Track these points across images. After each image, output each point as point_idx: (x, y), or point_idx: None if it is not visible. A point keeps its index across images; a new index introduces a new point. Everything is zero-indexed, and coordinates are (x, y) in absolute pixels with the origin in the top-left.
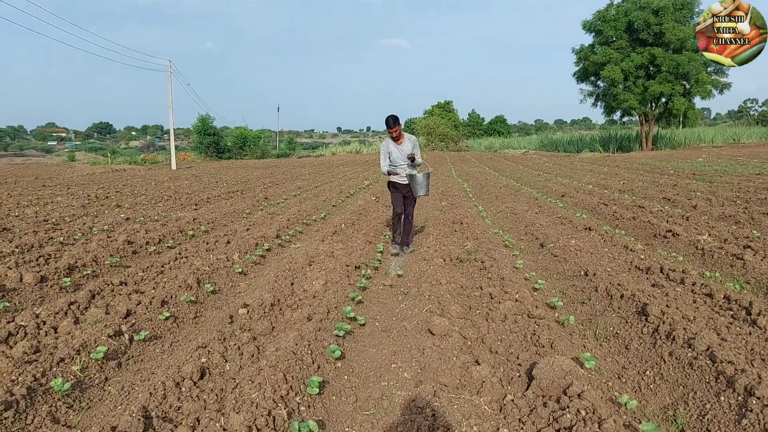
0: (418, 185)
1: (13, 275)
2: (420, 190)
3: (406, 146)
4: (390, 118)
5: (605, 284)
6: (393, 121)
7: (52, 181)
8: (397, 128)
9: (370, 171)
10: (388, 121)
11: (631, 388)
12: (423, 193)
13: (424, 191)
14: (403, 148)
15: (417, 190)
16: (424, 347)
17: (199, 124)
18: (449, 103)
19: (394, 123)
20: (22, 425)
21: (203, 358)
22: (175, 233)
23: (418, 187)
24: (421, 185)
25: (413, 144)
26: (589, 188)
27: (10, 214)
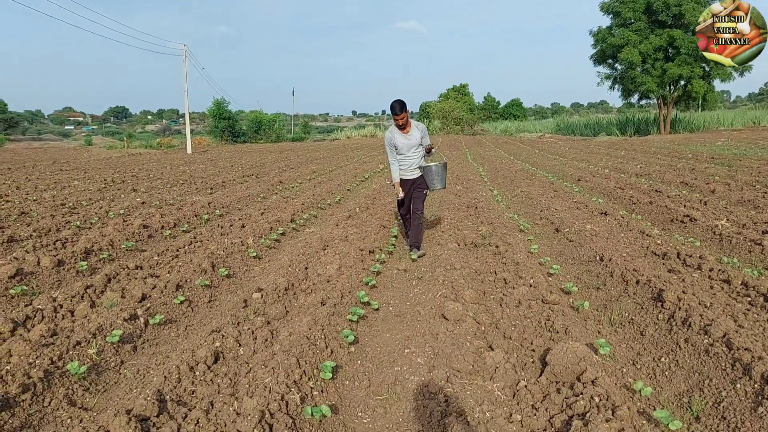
0: (434, 177)
1: (30, 259)
2: (437, 182)
3: (414, 135)
4: (396, 104)
5: (621, 269)
6: (400, 107)
7: (69, 165)
8: (404, 115)
9: (383, 155)
10: (393, 107)
11: (646, 375)
12: (440, 187)
13: (441, 184)
14: (410, 137)
15: (433, 183)
16: (438, 332)
17: (214, 108)
18: (465, 86)
19: (401, 109)
20: (39, 407)
21: (217, 342)
22: (190, 217)
23: (435, 180)
24: (437, 177)
25: (422, 132)
26: (606, 172)
27: (28, 198)
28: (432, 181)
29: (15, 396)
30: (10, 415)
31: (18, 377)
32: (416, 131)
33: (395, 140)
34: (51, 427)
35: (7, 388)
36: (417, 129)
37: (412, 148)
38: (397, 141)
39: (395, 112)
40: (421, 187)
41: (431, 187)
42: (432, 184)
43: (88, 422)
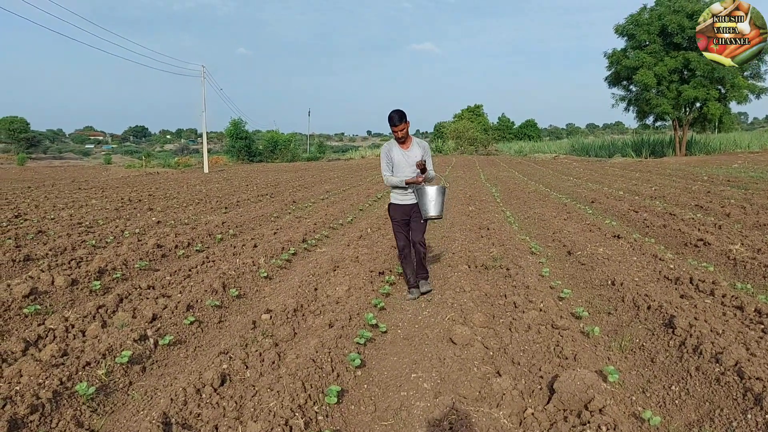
0: (428, 201)
1: (45, 278)
2: (431, 208)
3: (414, 152)
4: (395, 114)
5: (632, 294)
6: (399, 118)
7: (87, 184)
8: (403, 126)
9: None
10: (392, 118)
11: (656, 404)
12: (434, 214)
13: (436, 211)
14: (409, 154)
15: (427, 208)
16: (445, 357)
17: (232, 127)
18: (479, 107)
19: (400, 119)
20: (47, 429)
21: (224, 365)
22: (204, 237)
23: (429, 205)
24: (431, 201)
25: (424, 150)
26: (620, 194)
27: (46, 216)
28: (425, 206)
29: (23, 417)
30: None
31: (27, 398)
32: (417, 148)
33: (392, 155)
34: None
35: (15, 409)
36: (419, 146)
37: (410, 165)
38: (395, 155)
39: (393, 122)
40: (418, 216)
41: (424, 215)
42: (425, 209)
43: None
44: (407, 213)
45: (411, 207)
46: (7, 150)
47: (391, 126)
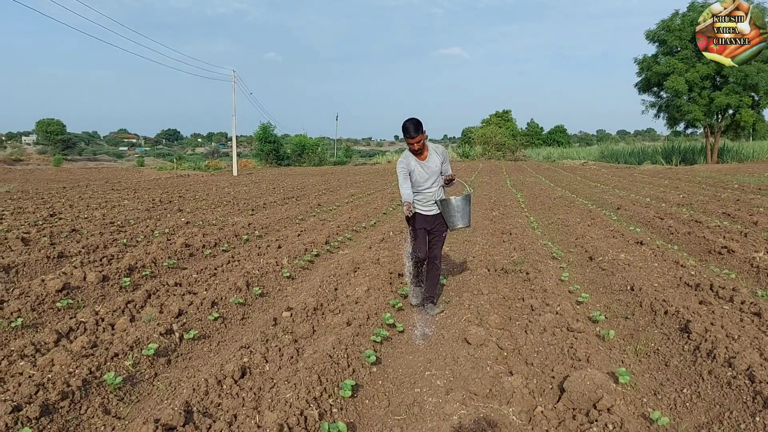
0: (455, 212)
1: (78, 274)
2: (458, 219)
3: (433, 160)
4: (409, 124)
5: (650, 300)
6: (414, 128)
7: (120, 185)
8: (419, 138)
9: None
10: (406, 128)
11: (666, 406)
12: (462, 225)
13: (464, 221)
14: (428, 164)
15: (454, 220)
16: (458, 356)
17: (261, 131)
18: (507, 112)
19: (416, 130)
20: (76, 414)
21: (245, 358)
22: (231, 237)
23: (456, 216)
24: (459, 212)
25: (442, 156)
26: (647, 201)
27: (80, 216)
28: (452, 218)
29: (54, 403)
30: (49, 420)
31: (58, 385)
32: (435, 156)
33: (411, 167)
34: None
35: (47, 395)
36: (436, 153)
37: (430, 178)
38: (414, 168)
39: (409, 134)
40: (441, 228)
41: (451, 226)
42: (452, 221)
43: (120, 430)
44: (430, 224)
45: (433, 217)
46: (43, 151)
47: (406, 138)
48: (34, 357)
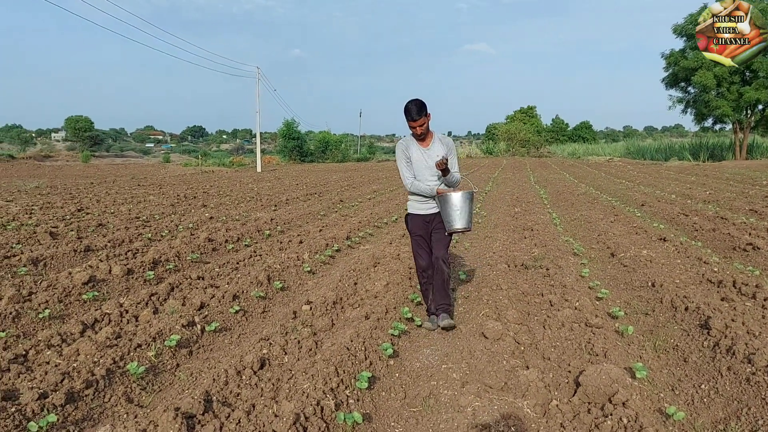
0: (452, 211)
1: (103, 267)
2: (456, 219)
3: (436, 149)
4: (413, 106)
5: (671, 296)
6: (418, 110)
7: (146, 181)
8: (423, 121)
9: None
10: (409, 110)
11: (684, 401)
12: (461, 226)
13: (463, 223)
14: (429, 153)
15: (451, 219)
16: (475, 350)
17: (285, 128)
18: (532, 108)
19: (419, 112)
20: (100, 402)
21: (264, 350)
22: (253, 232)
23: (454, 215)
24: (456, 211)
25: (448, 148)
26: (672, 198)
27: (107, 211)
28: (449, 217)
29: (79, 391)
30: (74, 408)
31: (83, 374)
32: (439, 146)
33: (410, 152)
34: (109, 420)
35: (72, 384)
36: (441, 143)
37: (431, 167)
38: (413, 154)
39: (411, 116)
40: (441, 227)
41: (448, 228)
42: (449, 221)
43: (142, 418)
44: (428, 224)
45: (433, 217)
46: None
47: (408, 120)
48: (61, 347)
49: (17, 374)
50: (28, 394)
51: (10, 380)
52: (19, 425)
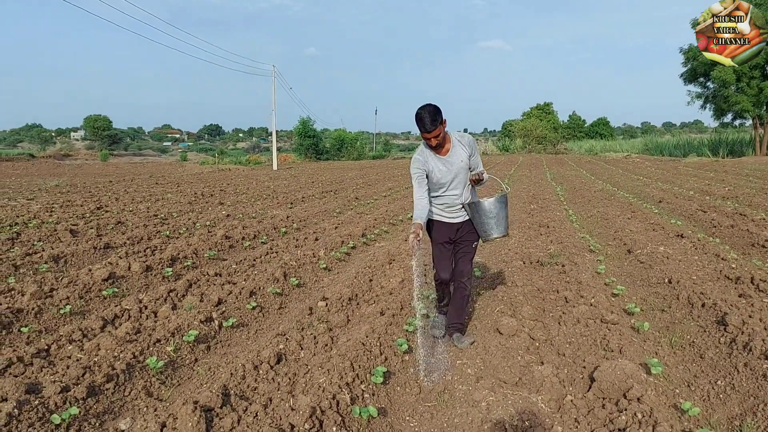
0: (488, 219)
1: (123, 264)
2: (493, 227)
3: (457, 154)
4: (426, 114)
5: (688, 292)
6: (431, 120)
7: (164, 179)
8: (438, 131)
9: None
10: (421, 119)
11: (699, 397)
12: (498, 234)
13: (501, 230)
14: (451, 160)
15: (487, 228)
16: (489, 346)
17: (300, 126)
18: (549, 104)
19: (433, 123)
20: (120, 396)
21: (281, 345)
22: (269, 230)
23: (490, 223)
24: (493, 218)
25: (469, 147)
26: (690, 194)
27: (125, 209)
28: (485, 226)
29: (100, 385)
30: (95, 401)
31: (104, 368)
32: (460, 149)
33: (429, 166)
34: (129, 413)
35: (93, 378)
36: (461, 145)
37: (456, 176)
38: (433, 168)
39: (424, 127)
40: (469, 237)
41: (484, 237)
42: (486, 230)
43: (161, 411)
44: (455, 233)
45: (457, 227)
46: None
47: (421, 131)
48: (82, 342)
49: (40, 368)
50: (51, 388)
51: (33, 374)
52: (42, 417)
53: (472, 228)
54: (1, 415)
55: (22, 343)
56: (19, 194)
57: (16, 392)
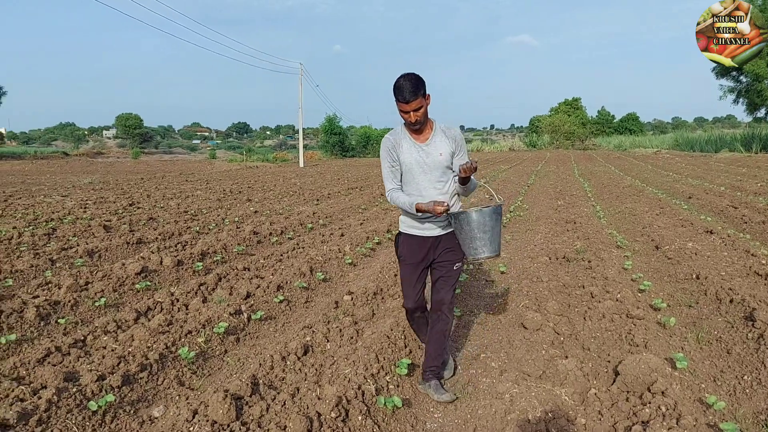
0: (478, 234)
1: (155, 258)
2: (485, 244)
3: (437, 146)
4: (405, 81)
5: (716, 288)
6: (412, 88)
7: (193, 176)
8: (419, 103)
9: (489, 169)
10: (400, 87)
11: (725, 392)
12: (489, 254)
13: (493, 248)
14: (428, 150)
15: (477, 245)
16: (514, 340)
17: (327, 123)
18: (577, 100)
19: (414, 92)
20: (153, 384)
21: (308, 337)
22: (296, 226)
23: (482, 239)
24: (486, 233)
25: (454, 144)
26: (721, 190)
27: (157, 205)
28: (474, 242)
29: (134, 374)
30: (130, 389)
31: (137, 358)
32: (443, 141)
33: (400, 151)
34: (163, 401)
35: (128, 367)
36: (445, 137)
37: (431, 173)
38: (403, 153)
39: (403, 95)
40: (450, 257)
41: (472, 255)
42: (474, 246)
43: (193, 399)
44: (427, 251)
45: (436, 241)
46: (122, 145)
47: (398, 101)
48: (116, 333)
49: (77, 357)
50: (88, 376)
51: (71, 363)
52: (80, 404)
53: (453, 244)
54: (42, 401)
55: (60, 333)
56: (54, 191)
57: (55, 380)
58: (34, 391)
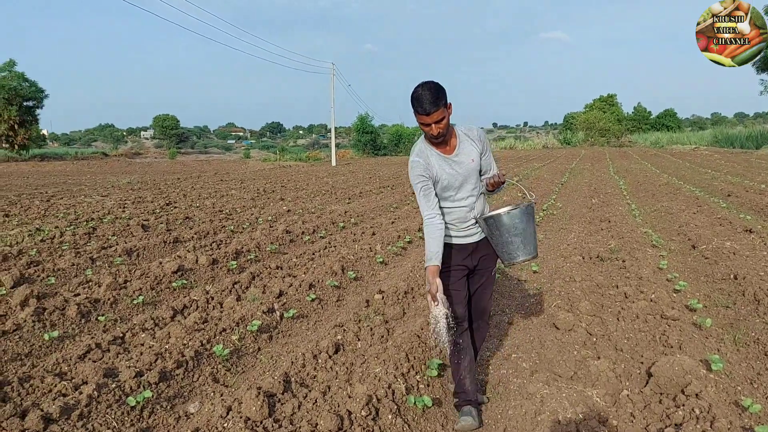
0: (512, 236)
1: (191, 257)
2: (520, 246)
3: (466, 151)
4: (425, 91)
5: (754, 289)
6: (432, 99)
7: (228, 176)
8: (440, 115)
9: (522, 167)
10: (420, 98)
11: (762, 394)
12: (525, 256)
13: (528, 250)
14: (459, 159)
15: (513, 248)
16: (545, 340)
17: (358, 122)
18: (612, 96)
19: (434, 103)
20: (189, 381)
21: (339, 336)
22: (328, 225)
23: (515, 242)
24: (519, 236)
25: (481, 144)
26: (762, 188)
27: (192, 204)
28: (509, 246)
29: (171, 370)
30: (167, 385)
31: (174, 355)
32: (469, 144)
33: (432, 170)
34: (198, 398)
35: (165, 363)
36: (469, 140)
37: (466, 181)
38: (438, 172)
39: (423, 107)
40: (488, 263)
41: (507, 259)
42: (509, 251)
43: (227, 396)
44: (470, 258)
45: (477, 246)
46: (159, 145)
47: (418, 115)
48: (153, 330)
49: (116, 354)
50: (126, 372)
51: (110, 359)
52: (119, 400)
53: (490, 250)
54: (83, 396)
55: (99, 331)
56: (94, 191)
57: (95, 376)
58: (76, 387)
